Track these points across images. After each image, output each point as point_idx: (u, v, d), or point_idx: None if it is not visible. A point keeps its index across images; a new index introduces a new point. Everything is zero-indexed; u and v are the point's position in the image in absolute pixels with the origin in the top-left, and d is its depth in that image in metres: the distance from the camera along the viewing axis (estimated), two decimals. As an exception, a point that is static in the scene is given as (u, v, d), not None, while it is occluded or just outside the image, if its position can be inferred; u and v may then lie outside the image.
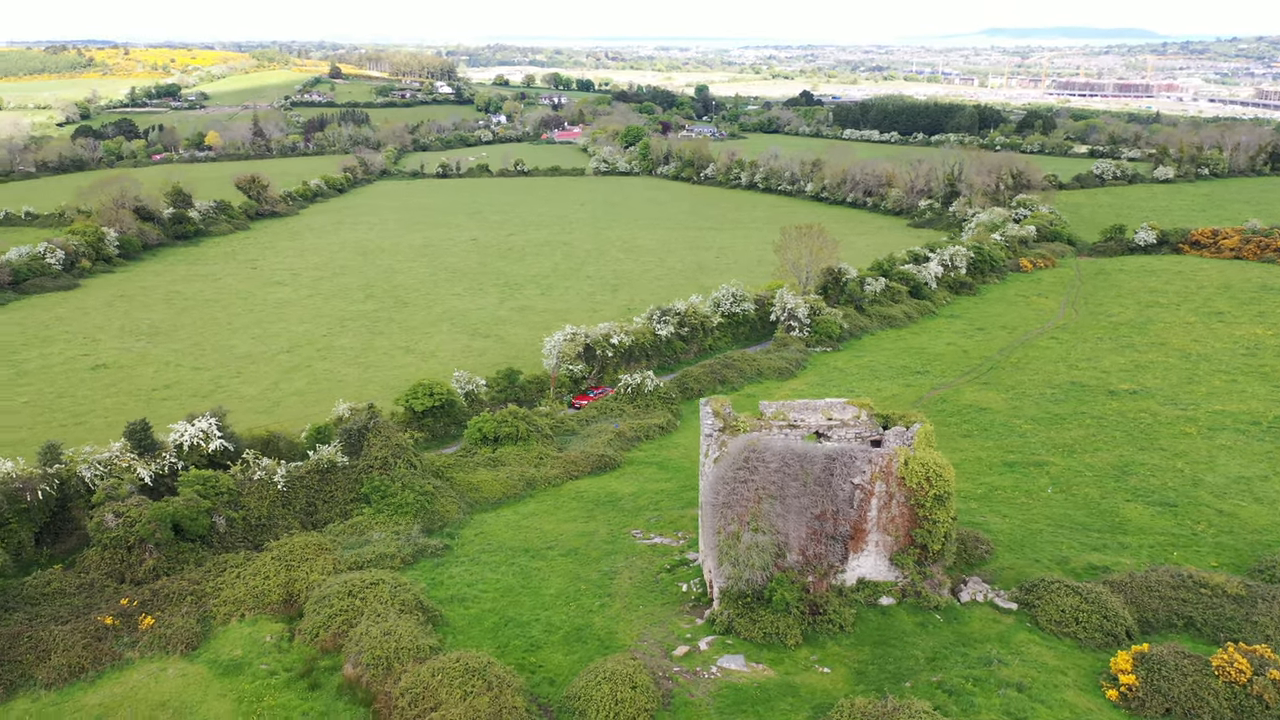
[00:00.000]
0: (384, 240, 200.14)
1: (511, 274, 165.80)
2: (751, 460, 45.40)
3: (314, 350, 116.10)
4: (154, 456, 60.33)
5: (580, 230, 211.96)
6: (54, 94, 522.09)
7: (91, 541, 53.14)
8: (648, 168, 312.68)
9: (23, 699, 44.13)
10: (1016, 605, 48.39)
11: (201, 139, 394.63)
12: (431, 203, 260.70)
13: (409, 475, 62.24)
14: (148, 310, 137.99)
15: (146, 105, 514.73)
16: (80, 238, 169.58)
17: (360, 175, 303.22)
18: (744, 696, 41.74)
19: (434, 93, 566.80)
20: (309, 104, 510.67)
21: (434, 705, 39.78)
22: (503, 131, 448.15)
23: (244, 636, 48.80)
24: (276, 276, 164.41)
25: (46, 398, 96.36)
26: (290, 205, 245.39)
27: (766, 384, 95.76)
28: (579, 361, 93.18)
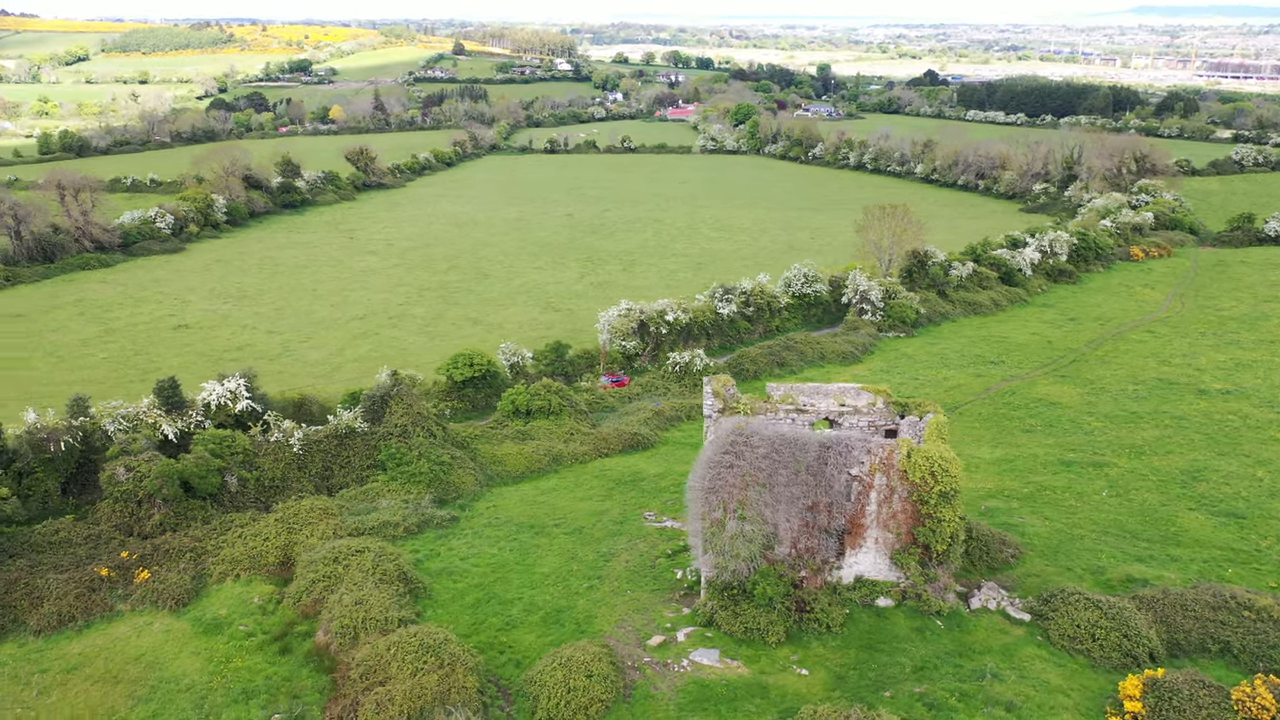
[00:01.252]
0: (480, 213, 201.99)
1: (598, 250, 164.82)
2: (738, 444, 42.69)
3: (386, 318, 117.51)
4: (181, 414, 61.27)
5: (676, 208, 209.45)
6: (196, 69, 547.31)
7: (103, 494, 54.22)
8: (755, 146, 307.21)
9: (11, 643, 45.17)
10: (1030, 616, 44.37)
11: (326, 113, 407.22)
12: (534, 178, 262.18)
13: (426, 444, 61.59)
14: (241, 275, 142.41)
15: (279, 80, 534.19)
16: (190, 204, 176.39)
17: (469, 149, 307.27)
18: (709, 694, 39.34)
19: (553, 70, 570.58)
20: (431, 80, 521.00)
21: (383, 680, 38.76)
22: (616, 109, 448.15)
23: (234, 596, 48.89)
24: (370, 246, 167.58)
25: (125, 354, 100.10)
26: (397, 178, 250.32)
27: (829, 368, 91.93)
28: (632, 338, 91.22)
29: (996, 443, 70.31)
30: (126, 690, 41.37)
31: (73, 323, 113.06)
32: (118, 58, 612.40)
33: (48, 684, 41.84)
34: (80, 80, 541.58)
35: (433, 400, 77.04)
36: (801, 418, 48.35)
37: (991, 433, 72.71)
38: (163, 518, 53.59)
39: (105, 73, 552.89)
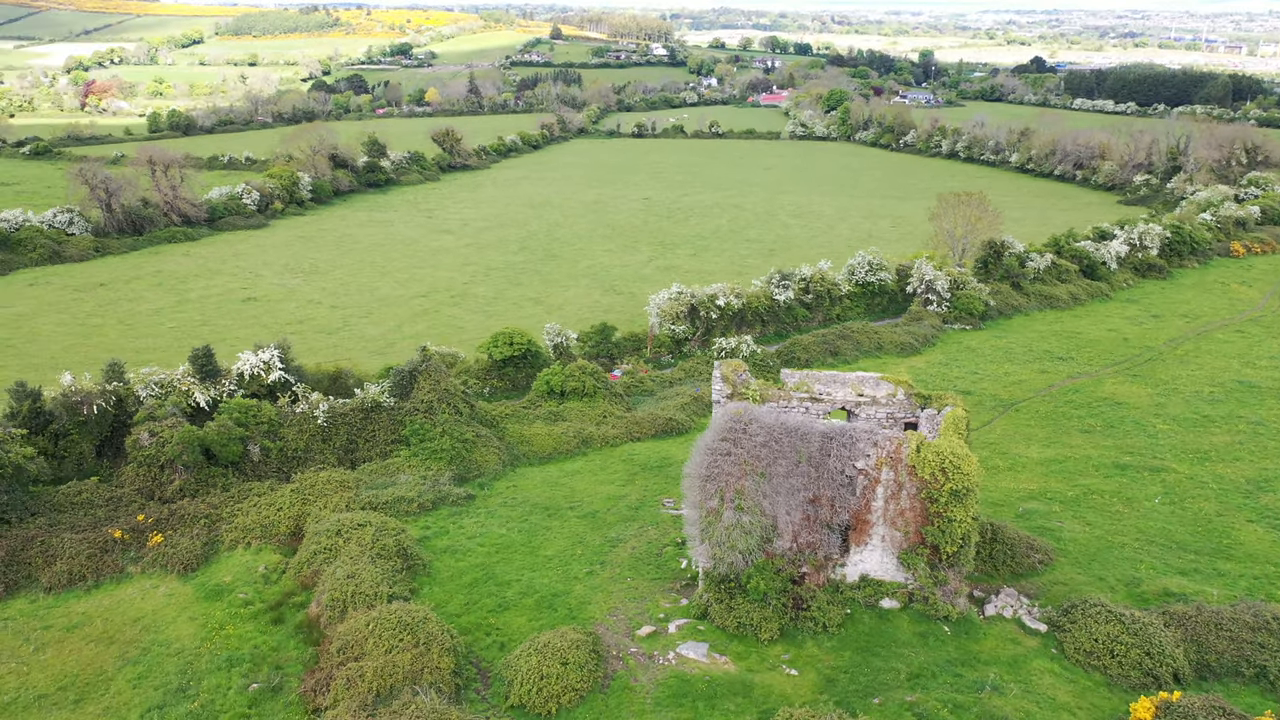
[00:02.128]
0: (558, 195, 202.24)
1: (671, 234, 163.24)
2: (735, 431, 40.85)
3: (449, 296, 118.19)
4: (214, 383, 62.14)
5: (756, 194, 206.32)
6: (302, 52, 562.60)
7: (128, 458, 55.27)
8: (846, 133, 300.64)
9: (22, 599, 46.26)
10: (1046, 627, 41.51)
11: (422, 95, 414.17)
12: (617, 161, 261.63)
13: (451, 421, 61.21)
14: (317, 250, 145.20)
15: (380, 63, 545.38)
16: (276, 181, 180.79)
17: (557, 132, 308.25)
18: (689, 689, 37.78)
19: (648, 55, 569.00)
20: (527, 64, 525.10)
21: (357, 655, 38.29)
22: (709, 94, 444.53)
23: (241, 564, 49.22)
24: (446, 225, 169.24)
25: (191, 324, 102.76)
26: (482, 159, 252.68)
27: (885, 359, 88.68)
28: (682, 322, 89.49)
29: (1049, 442, 66.60)
30: (119, 651, 41.87)
31: (150, 292, 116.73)
32: (230, 41, 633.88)
33: (47, 641, 42.66)
34: (194, 62, 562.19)
35: (472, 378, 76.83)
36: (816, 407, 46.23)
37: (1046, 431, 68.95)
38: (183, 483, 54.36)
39: (218, 55, 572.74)
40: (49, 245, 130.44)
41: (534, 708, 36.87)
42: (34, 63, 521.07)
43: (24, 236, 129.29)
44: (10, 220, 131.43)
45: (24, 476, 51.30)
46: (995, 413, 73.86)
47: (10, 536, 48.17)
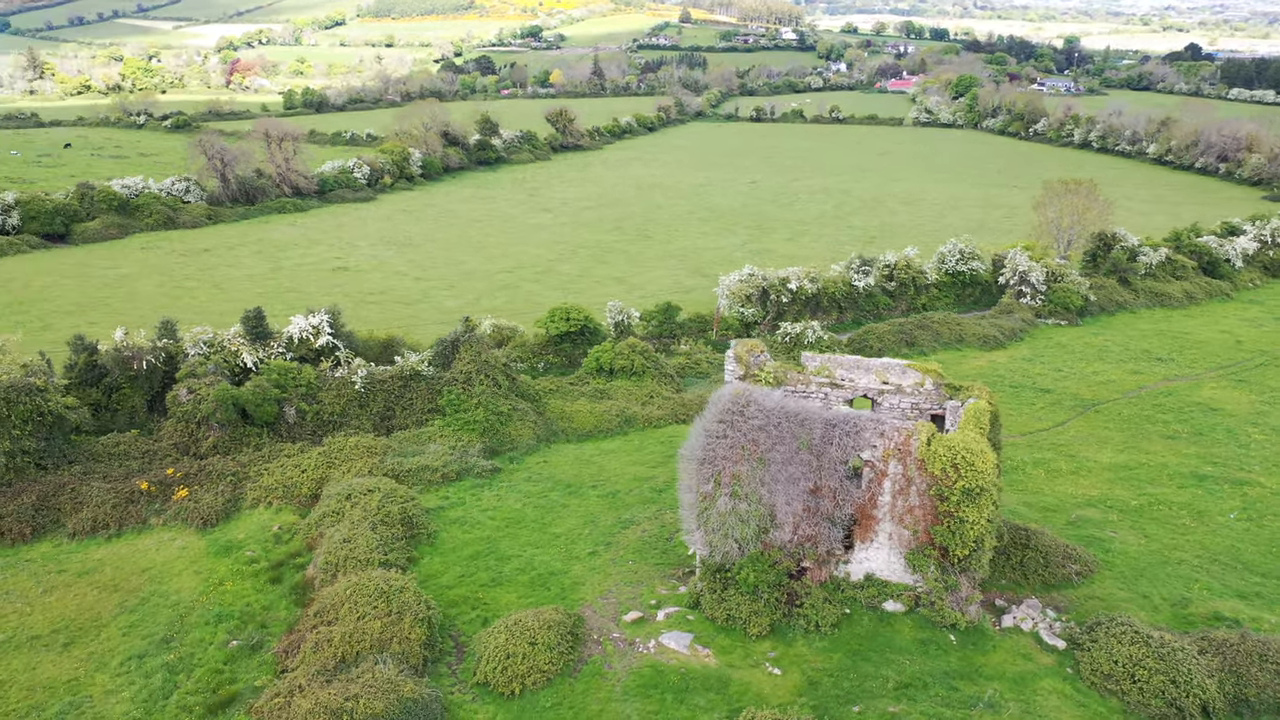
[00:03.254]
0: (665, 177, 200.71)
1: (771, 218, 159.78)
2: (731, 413, 38.60)
3: (533, 272, 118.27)
4: (263, 345, 63.18)
5: (868, 180, 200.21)
6: (436, 33, 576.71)
7: (168, 413, 56.62)
8: (973, 120, 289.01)
9: (47, 542, 47.80)
10: (1065, 643, 37.89)
11: (547, 77, 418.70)
12: (731, 145, 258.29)
13: (488, 393, 60.59)
14: (415, 224, 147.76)
15: (510, 45, 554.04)
16: (387, 156, 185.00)
17: (673, 115, 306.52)
18: (661, 681, 35.93)
19: (777, 39, 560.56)
20: (653, 47, 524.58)
21: (330, 620, 37.86)
22: (835, 79, 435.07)
23: (258, 523, 49.73)
24: (546, 204, 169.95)
25: (279, 290, 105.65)
26: (595, 140, 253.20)
27: (965, 352, 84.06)
28: (751, 304, 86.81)
29: (1124, 447, 61.57)
30: (119, 600, 42.68)
31: (248, 259, 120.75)
32: (370, 22, 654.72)
33: (56, 584, 43.87)
34: (336, 43, 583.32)
35: (528, 352, 76.28)
36: (836, 393, 43.50)
37: (1123, 435, 63.81)
38: (216, 440, 55.35)
39: (358, 36, 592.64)
40: (164, 211, 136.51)
41: (498, 686, 35.72)
42: (189, 42, 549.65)
43: (142, 202, 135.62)
44: (131, 187, 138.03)
45: (65, 425, 53.04)
46: (1073, 413, 68.87)
47: (44, 482, 49.88)
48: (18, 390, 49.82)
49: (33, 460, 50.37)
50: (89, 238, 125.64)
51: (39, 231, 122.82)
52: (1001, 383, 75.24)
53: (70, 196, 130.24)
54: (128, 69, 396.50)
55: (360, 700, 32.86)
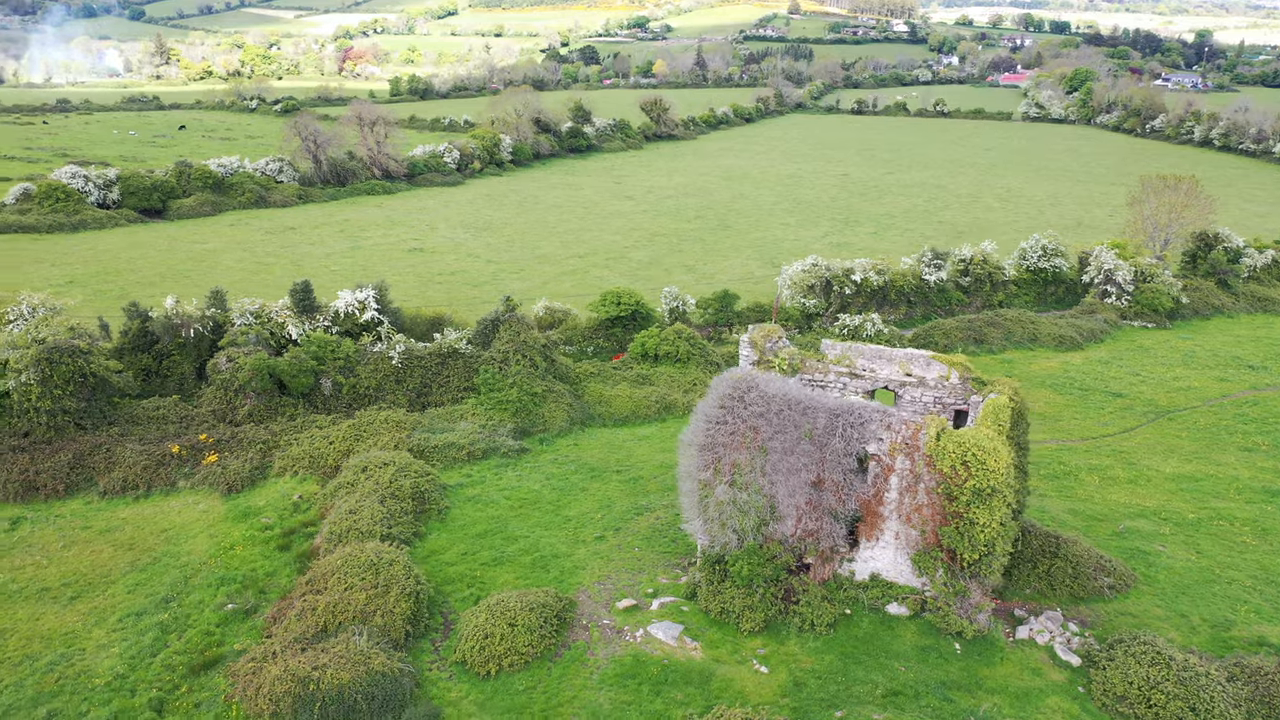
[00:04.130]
0: (755, 168, 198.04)
1: (858, 211, 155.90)
2: (731, 398, 37.00)
3: (604, 258, 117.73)
4: (310, 317, 64.00)
5: (967, 175, 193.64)
6: (544, 24, 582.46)
7: (209, 381, 57.77)
8: (1086, 116, 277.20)
9: (78, 499, 49.20)
10: (1080, 660, 35.18)
11: (650, 67, 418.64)
12: (828, 137, 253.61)
13: (523, 373, 60.09)
14: (497, 209, 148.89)
15: (616, 35, 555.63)
16: (477, 142, 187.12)
17: (772, 106, 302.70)
18: (640, 671, 34.68)
19: (887, 30, 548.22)
20: (759, 38, 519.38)
21: (319, 589, 37.76)
22: (945, 72, 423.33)
23: (280, 491, 50.23)
24: (630, 192, 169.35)
25: (353, 268, 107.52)
26: (689, 130, 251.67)
27: (1038, 351, 80.00)
28: (813, 295, 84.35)
29: (1193, 457, 57.46)
30: (132, 558, 43.55)
31: (330, 238, 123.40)
32: (481, 13, 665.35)
33: (77, 540, 45.06)
34: (447, 33, 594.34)
35: (578, 335, 75.64)
36: (855, 384, 41.46)
37: (1196, 445, 59.58)
38: (251, 409, 56.22)
39: (468, 26, 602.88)
40: (257, 190, 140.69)
41: (474, 666, 35.05)
42: (308, 31, 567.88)
43: (236, 181, 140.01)
44: (227, 166, 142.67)
45: (108, 388, 54.57)
46: (1144, 419, 64.71)
47: (81, 441, 51.39)
48: (61, 351, 51.40)
49: (72, 419, 51.94)
50: (184, 214, 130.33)
51: (137, 206, 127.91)
52: (1070, 385, 71.33)
53: (169, 174, 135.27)
54: (247, 56, 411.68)
55: (327, 670, 32.59)
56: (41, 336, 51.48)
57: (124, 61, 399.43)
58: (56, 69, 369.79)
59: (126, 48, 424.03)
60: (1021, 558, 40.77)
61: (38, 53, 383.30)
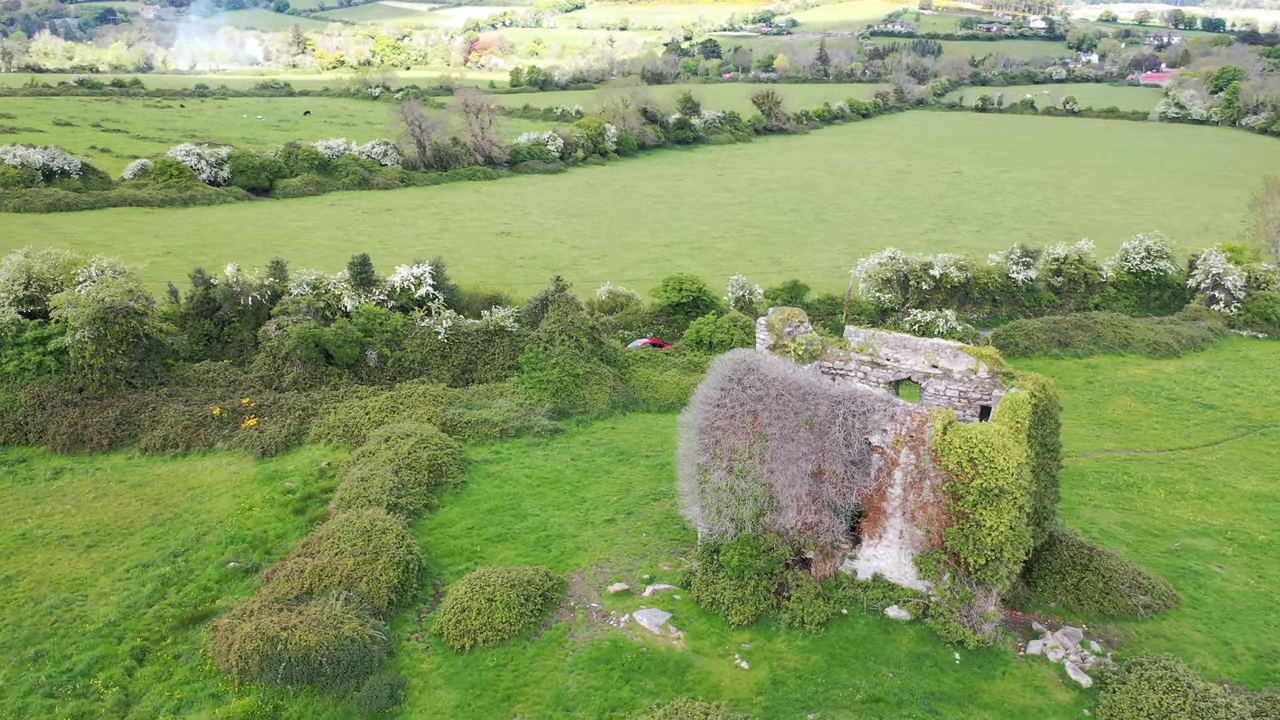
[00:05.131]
0: (863, 164, 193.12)
1: (965, 209, 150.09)
2: (729, 380, 35.36)
3: (689, 248, 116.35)
4: (367, 290, 64.84)
5: (1088, 176, 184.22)
6: (669, 17, 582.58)
7: (259, 347, 59.06)
8: (1230, 117, 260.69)
9: (121, 454, 50.88)
10: (1091, 681, 32.23)
11: (771, 61, 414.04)
12: (946, 134, 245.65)
13: (567, 354, 59.41)
14: (592, 196, 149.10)
15: (741, 30, 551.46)
16: (582, 131, 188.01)
17: (891, 102, 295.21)
18: (614, 658, 33.46)
19: (1023, 27, 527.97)
20: (887, 34, 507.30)
21: (312, 553, 37.84)
22: (1081, 70, 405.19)
23: (310, 457, 50.85)
24: (730, 184, 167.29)
25: (439, 249, 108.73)
26: (802, 124, 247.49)
27: (1128, 357, 74.94)
28: (889, 289, 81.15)
29: (1277, 475, 52.68)
30: (155, 512, 44.69)
31: (423, 220, 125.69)
32: (608, 6, 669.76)
33: (109, 492, 46.55)
34: (573, 26, 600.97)
35: (639, 320, 74.68)
36: (877, 373, 39.23)
37: (1285, 463, 54.66)
38: (297, 376, 57.21)
39: (594, 19, 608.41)
40: (360, 172, 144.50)
41: (450, 640, 34.49)
42: (440, 23, 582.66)
43: (341, 163, 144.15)
44: (334, 148, 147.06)
45: (161, 349, 56.36)
46: (1232, 433, 59.73)
47: (130, 399, 53.15)
48: (116, 312, 53.23)
49: (124, 378, 53.76)
50: (289, 193, 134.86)
51: (246, 185, 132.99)
52: (1156, 394, 66.56)
53: (278, 155, 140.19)
54: (378, 46, 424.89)
55: (296, 632, 32.51)
56: (101, 297, 53.39)
57: (264, 51, 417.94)
58: (201, 57, 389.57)
59: (267, 38, 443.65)
60: (1049, 568, 37.86)
61: (185, 41, 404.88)
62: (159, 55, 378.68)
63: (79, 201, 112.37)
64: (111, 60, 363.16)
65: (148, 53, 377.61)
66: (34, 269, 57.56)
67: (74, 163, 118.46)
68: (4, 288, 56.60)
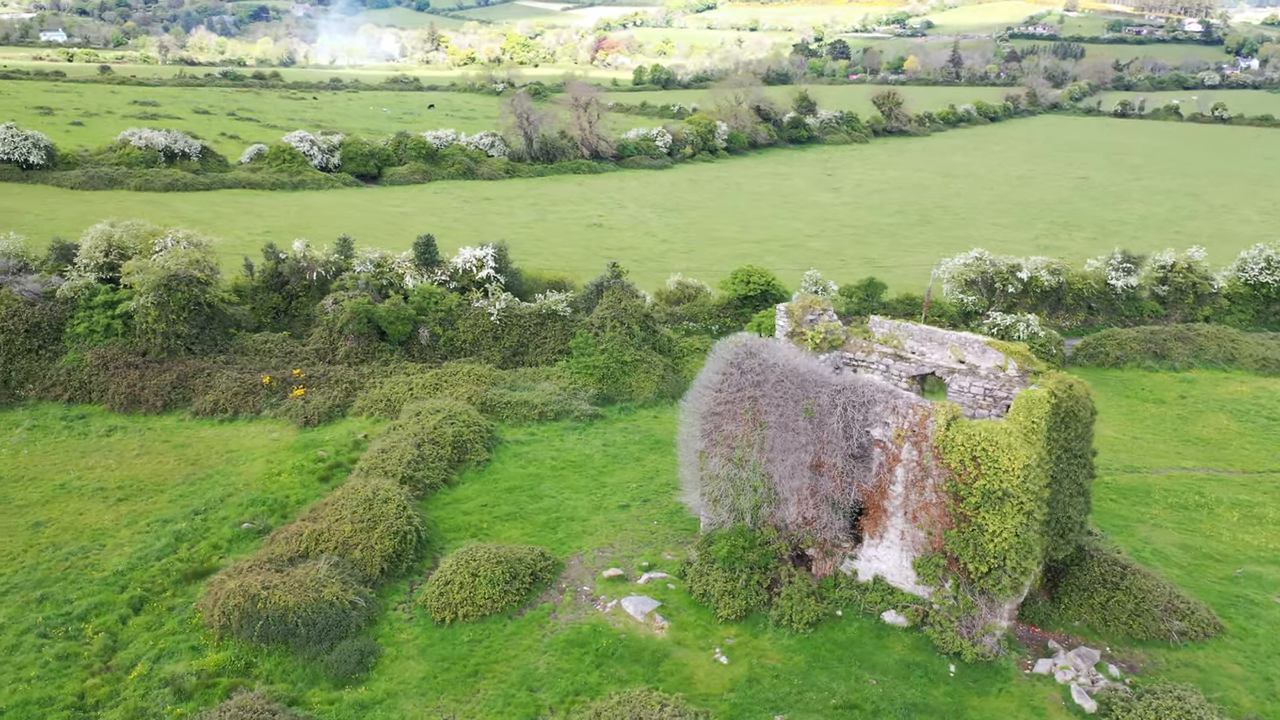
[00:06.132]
0: (984, 168, 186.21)
1: (1085, 215, 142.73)
2: (730, 364, 33.96)
3: (780, 245, 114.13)
4: (429, 270, 65.61)
5: (1230, 186, 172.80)
6: (800, 18, 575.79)
7: (317, 321, 60.38)
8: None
9: (172, 416, 52.67)
10: (1096, 707, 29.53)
11: (901, 63, 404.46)
12: (1078, 139, 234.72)
13: (616, 341, 58.72)
14: (693, 192, 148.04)
15: (873, 31, 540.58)
16: (692, 127, 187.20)
17: (1023, 106, 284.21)
18: (590, 642, 32.50)
19: (1176, 30, 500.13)
20: (1027, 36, 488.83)
21: (315, 518, 38.18)
22: (1239, 76, 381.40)
23: (349, 429, 51.54)
24: (838, 184, 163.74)
25: (528, 239, 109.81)
26: (923, 126, 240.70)
27: (1233, 373, 69.54)
28: (972, 291, 77.46)
29: (1365, 501, 47.83)
30: (189, 472, 46.04)
31: (520, 210, 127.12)
32: (740, 7, 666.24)
33: (152, 450, 48.20)
34: (703, 26, 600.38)
35: (705, 312, 73.43)
36: (899, 366, 37.13)
37: (1386, 493, 49.51)
38: (349, 350, 58.23)
39: (725, 20, 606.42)
40: (466, 162, 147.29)
41: (432, 611, 34.24)
42: (572, 23, 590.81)
43: (448, 153, 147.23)
44: (442, 138, 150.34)
45: (222, 318, 58.22)
46: (1334, 458, 54.59)
47: (188, 364, 55.03)
48: (180, 280, 55.24)
49: (184, 344, 55.72)
50: (396, 180, 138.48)
51: (355, 171, 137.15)
52: (1255, 413, 61.52)
53: (388, 143, 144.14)
54: (508, 44, 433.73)
55: (276, 591, 32.76)
56: (167, 266, 55.51)
57: (399, 47, 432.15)
58: (341, 52, 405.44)
59: (404, 35, 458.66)
60: (1075, 584, 35.05)
61: (326, 38, 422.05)
62: (301, 50, 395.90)
63: (195, 182, 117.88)
64: (259, 55, 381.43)
65: (291, 48, 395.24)
66: (115, 238, 60.22)
67: (194, 146, 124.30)
68: (86, 254, 59.42)
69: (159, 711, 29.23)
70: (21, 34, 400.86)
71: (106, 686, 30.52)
